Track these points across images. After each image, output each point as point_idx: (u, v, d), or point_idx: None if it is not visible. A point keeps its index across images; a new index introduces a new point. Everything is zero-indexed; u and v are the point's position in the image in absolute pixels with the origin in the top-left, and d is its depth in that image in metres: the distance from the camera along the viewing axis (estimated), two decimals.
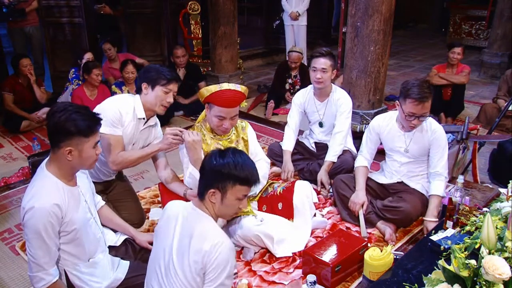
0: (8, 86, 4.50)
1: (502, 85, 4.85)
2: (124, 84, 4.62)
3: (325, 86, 3.19)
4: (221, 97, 2.36)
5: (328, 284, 2.23)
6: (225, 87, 2.38)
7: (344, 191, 2.85)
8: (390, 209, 2.68)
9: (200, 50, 6.60)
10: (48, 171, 1.79)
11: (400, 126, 2.71)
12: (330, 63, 3.11)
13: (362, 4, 3.73)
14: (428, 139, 2.65)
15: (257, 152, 2.76)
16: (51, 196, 1.73)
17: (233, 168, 1.64)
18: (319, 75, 3.11)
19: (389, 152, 2.84)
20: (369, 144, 2.88)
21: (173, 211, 1.77)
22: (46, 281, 1.76)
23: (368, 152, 2.90)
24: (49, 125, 1.76)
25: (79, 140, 1.74)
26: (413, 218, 2.74)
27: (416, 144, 2.68)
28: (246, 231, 2.44)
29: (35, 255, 1.72)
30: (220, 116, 2.41)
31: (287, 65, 5.32)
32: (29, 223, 1.70)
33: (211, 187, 1.66)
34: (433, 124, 2.67)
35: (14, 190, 3.33)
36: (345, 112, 3.22)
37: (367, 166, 2.89)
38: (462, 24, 8.96)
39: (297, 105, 3.39)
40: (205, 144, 2.51)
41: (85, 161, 1.79)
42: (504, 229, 1.61)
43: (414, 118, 2.52)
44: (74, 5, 5.32)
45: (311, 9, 6.37)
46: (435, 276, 1.59)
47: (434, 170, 2.67)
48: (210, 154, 1.71)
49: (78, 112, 1.74)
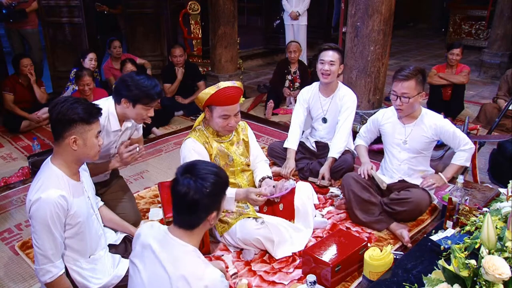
0: (8, 86, 4.50)
1: (502, 85, 4.85)
2: None
3: (332, 80, 3.19)
4: (222, 96, 2.37)
5: (328, 284, 2.23)
6: (223, 86, 2.38)
7: (355, 188, 2.76)
8: (398, 201, 2.68)
9: (200, 50, 6.61)
10: (53, 165, 1.82)
11: (401, 120, 2.76)
12: (338, 56, 3.13)
13: (362, 4, 3.74)
14: (431, 133, 2.68)
15: (258, 154, 2.77)
16: (57, 187, 1.76)
17: None
18: (326, 67, 3.12)
19: (389, 147, 2.86)
20: (368, 134, 2.97)
21: None
22: (53, 273, 1.77)
23: (367, 139, 3.00)
24: (52, 117, 1.81)
25: (82, 128, 1.79)
26: (423, 209, 2.75)
27: (415, 137, 2.71)
28: (246, 234, 2.44)
29: (42, 246, 1.74)
30: (225, 115, 2.42)
31: (287, 62, 5.33)
32: (36, 214, 1.72)
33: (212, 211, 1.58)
34: (434, 117, 2.71)
35: (14, 190, 3.32)
36: (350, 107, 3.24)
37: (366, 146, 3.01)
38: (462, 24, 8.96)
39: (302, 101, 3.39)
40: (209, 146, 2.51)
41: (89, 149, 1.84)
42: (504, 229, 1.61)
43: (396, 97, 2.60)
44: (74, 5, 5.32)
45: (311, 9, 6.38)
46: (435, 276, 1.59)
47: (459, 149, 2.73)
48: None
49: (78, 102, 1.82)
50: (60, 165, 1.82)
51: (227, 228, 2.51)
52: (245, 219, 2.48)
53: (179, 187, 1.51)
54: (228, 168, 2.59)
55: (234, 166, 2.61)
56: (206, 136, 2.52)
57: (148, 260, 1.57)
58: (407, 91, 2.55)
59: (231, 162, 2.59)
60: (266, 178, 2.66)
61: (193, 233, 1.57)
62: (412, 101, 2.58)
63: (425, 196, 2.71)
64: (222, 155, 2.55)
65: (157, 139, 4.35)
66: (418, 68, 2.62)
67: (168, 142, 4.28)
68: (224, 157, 2.57)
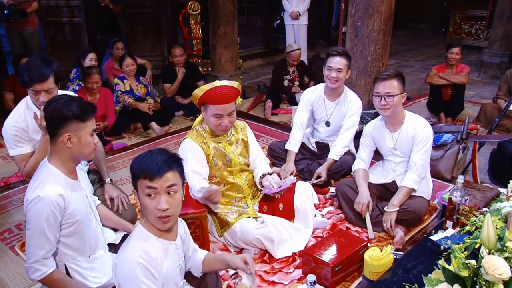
0: (8, 86, 4.50)
1: (502, 85, 4.85)
2: (125, 78, 4.65)
3: (339, 86, 3.18)
4: (214, 95, 2.37)
5: (328, 284, 2.23)
6: (217, 84, 2.39)
7: (350, 194, 2.83)
8: (399, 211, 2.66)
9: (200, 50, 6.60)
10: (50, 164, 1.83)
11: (388, 126, 2.74)
12: (346, 63, 3.10)
13: (362, 4, 3.73)
14: (412, 135, 2.66)
15: (258, 153, 2.76)
16: (55, 186, 1.76)
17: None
18: (334, 74, 3.09)
19: (384, 156, 2.88)
20: (366, 149, 2.91)
21: None
22: (42, 272, 1.77)
23: (366, 154, 2.91)
24: (47, 114, 1.82)
25: (76, 125, 1.78)
26: (422, 216, 2.74)
27: (402, 141, 2.70)
28: (246, 233, 2.44)
29: (33, 245, 1.75)
30: (217, 114, 2.41)
31: (285, 63, 5.34)
32: (32, 212, 1.73)
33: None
34: (417, 120, 2.68)
35: (14, 190, 3.32)
36: (356, 114, 3.23)
37: (366, 169, 2.88)
38: (462, 24, 8.96)
39: (306, 102, 3.36)
40: (206, 147, 2.51)
41: (84, 148, 1.82)
42: (504, 229, 1.60)
43: (380, 98, 2.58)
44: (74, 5, 5.32)
45: (311, 9, 6.38)
46: (435, 276, 1.58)
47: (410, 161, 2.68)
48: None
49: (73, 99, 1.82)
50: (56, 164, 1.82)
51: (227, 228, 2.51)
52: (245, 218, 2.48)
53: None
54: (226, 168, 2.59)
55: (232, 166, 2.61)
56: (203, 136, 2.52)
57: None
58: (390, 90, 2.55)
59: (229, 162, 2.59)
60: (267, 174, 2.66)
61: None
62: (397, 99, 2.57)
63: (424, 203, 2.71)
64: (219, 155, 2.55)
65: (157, 139, 4.35)
66: (398, 71, 2.66)
67: (168, 142, 4.28)
68: (222, 157, 2.56)
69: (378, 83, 2.62)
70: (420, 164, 2.63)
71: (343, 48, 3.20)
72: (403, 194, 2.65)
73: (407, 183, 2.64)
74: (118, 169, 3.71)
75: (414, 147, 2.65)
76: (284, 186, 2.61)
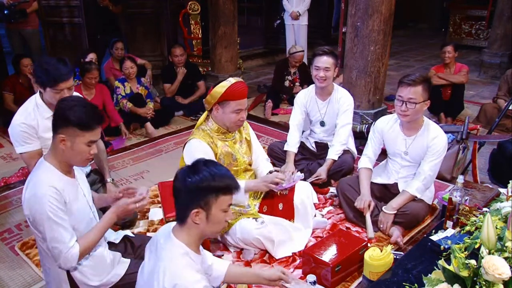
0: (8, 86, 4.50)
1: (502, 85, 4.85)
2: (126, 80, 4.64)
3: (327, 84, 3.20)
4: (236, 91, 2.39)
5: (328, 284, 2.23)
6: (234, 81, 2.41)
7: (350, 192, 2.83)
8: (397, 213, 2.66)
9: (200, 50, 6.60)
10: (46, 161, 1.83)
11: (403, 129, 2.71)
12: (333, 61, 3.12)
13: (362, 4, 3.73)
14: (428, 143, 2.62)
15: (259, 152, 2.77)
16: (49, 181, 1.75)
17: (212, 179, 1.49)
18: (322, 74, 3.12)
19: (391, 155, 2.85)
20: (373, 144, 2.87)
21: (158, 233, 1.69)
22: (76, 251, 1.76)
23: (373, 151, 2.88)
24: (55, 109, 1.82)
25: (74, 131, 1.76)
26: (420, 219, 2.74)
27: (416, 148, 2.67)
28: (246, 234, 2.44)
29: (53, 239, 1.73)
30: (238, 110, 2.44)
31: (286, 64, 5.33)
32: (35, 210, 1.72)
33: (193, 207, 1.50)
34: (436, 131, 2.63)
35: (14, 190, 3.32)
36: (348, 110, 3.24)
37: (371, 168, 2.87)
38: (462, 24, 8.96)
39: (299, 105, 3.39)
40: (214, 146, 2.50)
41: (75, 155, 1.80)
42: (504, 229, 1.61)
43: (402, 103, 2.52)
44: (74, 5, 5.31)
45: (311, 9, 6.38)
46: (435, 276, 1.59)
47: (420, 168, 2.66)
48: (179, 174, 1.54)
49: (85, 107, 1.79)
50: (52, 161, 1.82)
51: (227, 228, 2.51)
52: (245, 219, 2.48)
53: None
54: (231, 167, 2.58)
55: (238, 165, 2.60)
56: (210, 135, 2.52)
57: (152, 254, 1.60)
58: (414, 96, 2.48)
59: (235, 161, 2.59)
60: (274, 171, 2.68)
61: (183, 229, 1.55)
62: (419, 107, 2.51)
63: (422, 207, 2.70)
64: (226, 154, 2.55)
65: (157, 139, 4.35)
66: (425, 75, 2.59)
67: (168, 142, 4.28)
68: (228, 156, 2.56)
69: (402, 87, 2.52)
70: (429, 175, 2.61)
71: (329, 48, 3.22)
72: (403, 199, 2.64)
73: (411, 189, 2.63)
74: (118, 169, 3.71)
75: (427, 157, 2.61)
76: (293, 182, 2.61)
